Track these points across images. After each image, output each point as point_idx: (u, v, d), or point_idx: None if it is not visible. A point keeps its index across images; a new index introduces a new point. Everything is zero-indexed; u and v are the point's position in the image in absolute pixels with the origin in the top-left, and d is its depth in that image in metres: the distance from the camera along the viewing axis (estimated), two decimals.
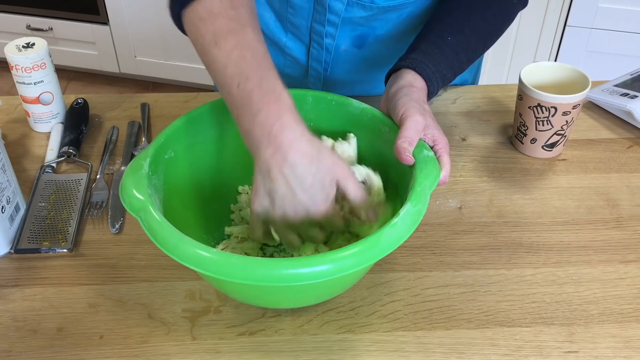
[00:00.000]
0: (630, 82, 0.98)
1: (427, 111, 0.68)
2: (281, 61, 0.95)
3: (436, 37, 0.76)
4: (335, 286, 0.63)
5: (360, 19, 0.85)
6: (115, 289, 0.69)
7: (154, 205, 0.59)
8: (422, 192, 0.60)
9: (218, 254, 0.54)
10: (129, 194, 0.60)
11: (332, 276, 0.53)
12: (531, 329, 0.66)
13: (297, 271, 0.53)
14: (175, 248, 0.55)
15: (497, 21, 0.81)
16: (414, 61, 0.72)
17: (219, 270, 0.53)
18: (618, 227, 0.77)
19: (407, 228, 0.57)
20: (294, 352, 0.63)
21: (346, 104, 0.73)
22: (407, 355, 0.63)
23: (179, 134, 0.69)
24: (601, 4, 1.86)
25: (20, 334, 0.65)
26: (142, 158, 0.64)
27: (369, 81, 0.95)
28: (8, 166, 0.74)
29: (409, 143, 0.64)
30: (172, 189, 0.68)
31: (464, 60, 0.77)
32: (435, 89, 0.73)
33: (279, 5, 0.88)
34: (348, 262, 0.54)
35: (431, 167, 0.63)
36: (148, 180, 0.62)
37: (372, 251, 0.55)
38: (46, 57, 0.88)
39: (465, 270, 0.72)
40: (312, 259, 0.53)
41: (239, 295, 0.64)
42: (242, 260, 0.54)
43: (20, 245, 0.74)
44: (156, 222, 0.57)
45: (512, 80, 2.09)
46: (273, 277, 0.53)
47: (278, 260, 0.54)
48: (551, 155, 0.88)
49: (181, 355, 0.63)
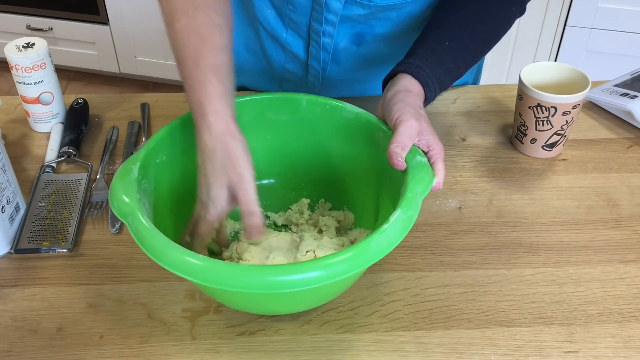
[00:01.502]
0: (630, 82, 0.98)
1: (422, 116, 0.67)
2: (282, 57, 0.95)
3: (434, 43, 0.76)
4: (323, 293, 0.61)
5: (359, 17, 0.85)
6: (115, 289, 0.69)
7: (142, 210, 0.58)
8: (414, 198, 0.59)
9: (205, 261, 0.53)
10: (118, 198, 0.59)
11: (318, 283, 0.52)
12: (531, 329, 0.66)
13: (282, 278, 0.52)
14: (161, 254, 0.54)
15: (495, 27, 0.81)
16: (411, 66, 0.72)
17: (206, 277, 0.52)
18: (618, 227, 0.77)
19: (397, 234, 0.56)
20: (294, 352, 0.63)
21: (340, 108, 0.73)
22: (407, 355, 0.63)
23: (170, 138, 0.68)
24: (601, 4, 1.86)
25: (20, 334, 0.65)
26: (132, 162, 0.63)
27: (369, 80, 0.95)
28: (8, 166, 0.74)
29: (402, 148, 0.64)
30: (163, 194, 0.67)
31: (461, 66, 0.77)
32: (433, 94, 0.72)
33: (279, 2, 0.88)
34: (337, 268, 0.52)
35: (424, 173, 0.62)
36: (137, 184, 0.61)
37: (360, 258, 0.53)
38: (46, 57, 0.88)
39: (465, 270, 0.72)
40: (299, 266, 0.52)
41: (229, 302, 0.64)
42: (229, 267, 0.53)
43: (20, 245, 0.74)
44: (143, 228, 0.56)
45: (512, 80, 2.09)
46: (259, 285, 0.52)
47: (264, 267, 0.53)
48: (551, 155, 0.88)
49: (181, 355, 0.63)
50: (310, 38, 0.89)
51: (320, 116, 0.74)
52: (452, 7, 0.79)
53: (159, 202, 0.66)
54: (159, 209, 0.65)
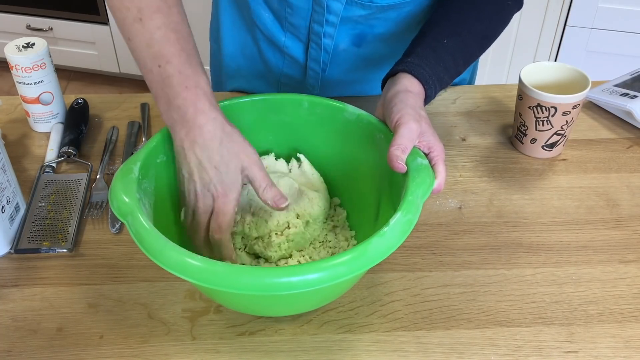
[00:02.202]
0: (630, 82, 0.98)
1: (422, 117, 0.67)
2: (280, 61, 0.95)
3: (432, 41, 0.76)
4: (321, 296, 0.61)
5: (360, 17, 0.85)
6: (115, 289, 0.69)
7: (142, 210, 0.58)
8: (414, 201, 0.59)
9: (203, 261, 0.53)
10: (118, 198, 0.59)
11: (316, 286, 0.52)
12: (531, 329, 0.66)
13: (279, 280, 0.51)
14: (160, 254, 0.54)
15: (492, 23, 0.81)
16: (410, 65, 0.72)
17: (204, 278, 0.52)
18: (618, 227, 0.77)
19: (396, 238, 0.55)
20: (294, 352, 0.63)
21: (342, 109, 0.72)
22: (407, 355, 0.63)
23: (171, 137, 0.68)
24: (601, 4, 1.86)
25: (20, 334, 0.65)
26: (133, 162, 0.63)
27: (368, 80, 0.95)
28: (8, 166, 0.74)
29: (402, 151, 0.63)
30: (163, 194, 0.67)
31: (460, 63, 0.77)
32: (433, 92, 0.72)
33: (277, 5, 0.88)
34: (335, 271, 0.52)
35: (424, 176, 0.62)
36: (137, 184, 0.61)
37: (358, 261, 0.53)
38: (46, 57, 0.88)
39: (465, 270, 0.72)
40: (298, 268, 0.52)
41: (227, 303, 0.64)
42: (227, 268, 0.53)
43: (20, 245, 0.74)
44: (143, 228, 0.56)
45: (512, 80, 2.09)
46: (256, 286, 0.51)
47: (262, 268, 0.53)
48: (551, 155, 0.88)
49: (181, 355, 0.63)
50: (310, 40, 0.89)
51: (321, 117, 0.74)
52: (449, 5, 0.79)
53: (160, 202, 0.66)
54: (159, 209, 0.65)
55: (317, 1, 0.84)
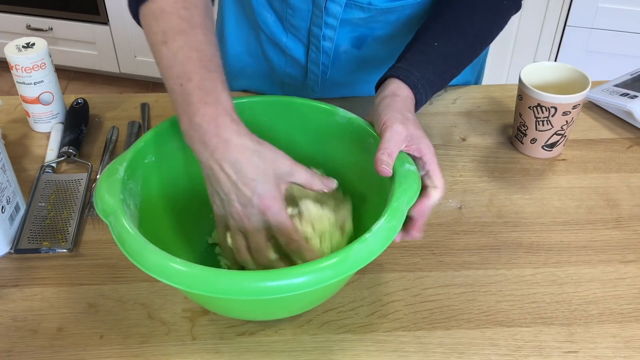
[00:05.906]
0: (630, 82, 0.98)
1: (409, 120, 0.66)
2: (282, 61, 0.95)
3: (422, 44, 0.75)
4: (303, 301, 0.61)
5: (359, 20, 0.85)
6: (115, 289, 0.69)
7: (124, 210, 0.58)
8: (399, 207, 0.58)
9: (183, 265, 0.52)
10: (102, 198, 0.59)
11: (294, 291, 0.52)
12: (531, 329, 0.66)
13: (257, 285, 0.51)
14: (139, 255, 0.54)
15: (486, 24, 0.80)
16: (398, 70, 0.71)
17: (185, 282, 0.52)
18: (618, 227, 0.77)
19: (379, 244, 0.55)
20: (294, 352, 0.63)
21: (333, 113, 0.72)
22: (407, 355, 0.63)
23: (160, 138, 0.68)
24: (601, 4, 1.86)
25: (20, 334, 0.65)
26: (119, 162, 0.63)
27: (369, 82, 0.94)
28: (8, 166, 0.74)
29: (388, 155, 0.62)
30: (152, 195, 0.67)
31: (453, 65, 0.77)
32: (423, 96, 0.71)
33: (278, 6, 0.88)
34: (319, 275, 0.52)
35: (411, 182, 0.61)
36: (122, 184, 0.61)
37: (339, 267, 0.53)
38: (46, 57, 0.88)
39: (465, 270, 0.72)
40: (277, 273, 0.52)
41: (212, 307, 0.63)
42: (206, 272, 0.52)
43: (20, 245, 0.74)
44: (123, 229, 0.56)
45: (512, 80, 2.09)
46: (236, 291, 0.51)
47: (243, 273, 0.52)
48: (551, 155, 0.88)
49: (181, 355, 0.63)
50: (310, 42, 0.89)
51: (313, 120, 0.73)
52: (443, 8, 0.79)
53: (147, 203, 0.65)
54: (146, 210, 0.64)
55: (316, 4, 0.84)
